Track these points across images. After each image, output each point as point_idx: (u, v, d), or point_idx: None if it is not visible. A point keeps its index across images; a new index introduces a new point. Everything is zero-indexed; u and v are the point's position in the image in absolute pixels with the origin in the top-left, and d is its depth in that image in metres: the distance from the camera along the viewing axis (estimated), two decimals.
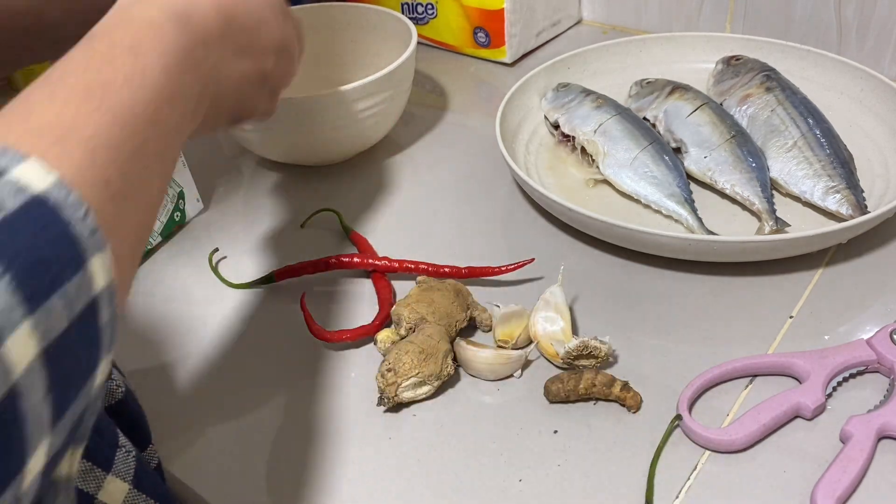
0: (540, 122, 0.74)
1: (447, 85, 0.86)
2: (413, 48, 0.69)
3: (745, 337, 0.53)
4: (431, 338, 0.50)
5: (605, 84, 0.77)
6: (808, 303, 0.55)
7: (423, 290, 0.54)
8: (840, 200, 0.59)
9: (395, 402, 0.49)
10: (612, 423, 0.48)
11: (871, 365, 0.49)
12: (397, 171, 0.73)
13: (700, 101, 0.68)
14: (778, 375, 0.50)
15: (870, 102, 0.69)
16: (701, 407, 0.48)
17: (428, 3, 0.89)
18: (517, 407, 0.49)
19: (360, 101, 0.66)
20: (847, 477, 0.42)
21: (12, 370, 0.22)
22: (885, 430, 0.45)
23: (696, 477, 0.44)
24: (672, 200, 0.62)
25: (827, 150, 0.62)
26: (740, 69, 0.72)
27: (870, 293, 0.55)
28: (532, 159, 0.70)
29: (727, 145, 0.64)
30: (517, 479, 0.45)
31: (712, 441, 0.45)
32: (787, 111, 0.66)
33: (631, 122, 0.68)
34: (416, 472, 0.46)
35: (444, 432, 0.48)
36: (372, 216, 0.67)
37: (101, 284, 0.26)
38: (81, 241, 0.25)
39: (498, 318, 0.53)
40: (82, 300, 0.25)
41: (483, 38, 0.87)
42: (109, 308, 0.27)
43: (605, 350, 0.50)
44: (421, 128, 0.79)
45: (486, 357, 0.50)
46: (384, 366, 0.49)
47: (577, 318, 0.55)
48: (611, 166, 0.65)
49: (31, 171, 0.25)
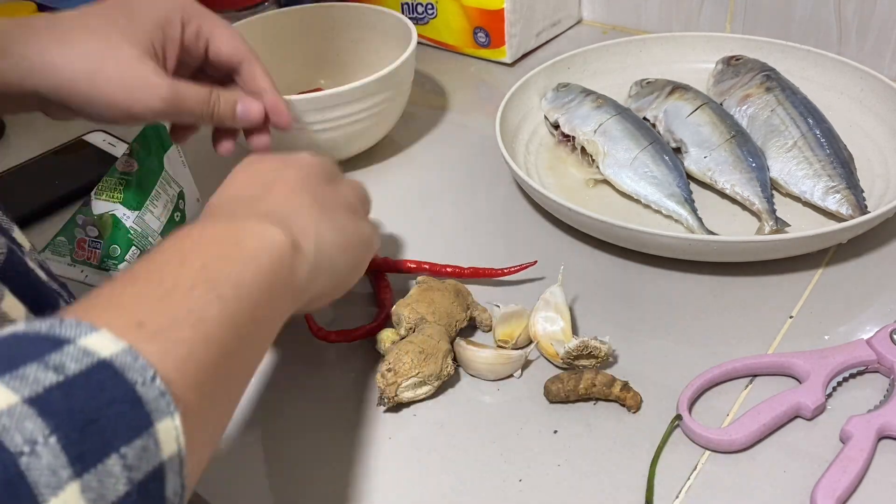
0: (540, 122, 0.74)
1: (447, 85, 0.86)
2: (413, 48, 0.69)
3: (745, 337, 0.53)
4: (431, 338, 0.50)
5: (605, 84, 0.77)
6: (808, 303, 0.55)
7: (423, 290, 0.54)
8: (840, 200, 0.59)
9: (395, 402, 0.49)
10: (612, 423, 0.48)
11: (871, 365, 0.49)
12: (397, 171, 0.73)
13: (700, 101, 0.68)
14: (778, 375, 0.50)
15: (870, 102, 0.69)
16: (701, 407, 0.48)
17: (428, 3, 0.89)
18: (517, 407, 0.49)
19: (360, 101, 0.66)
20: (847, 477, 0.42)
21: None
22: (885, 430, 0.45)
23: (696, 477, 0.44)
24: (672, 200, 0.62)
25: (827, 150, 0.62)
26: (740, 69, 0.72)
27: (870, 293, 0.55)
28: (532, 159, 0.70)
29: (727, 145, 0.64)
30: (517, 479, 0.45)
31: (712, 441, 0.45)
32: (787, 111, 0.66)
33: (631, 122, 0.68)
34: (416, 471, 0.46)
35: (444, 432, 0.48)
36: (372, 216, 0.67)
37: (169, 451, 0.25)
38: (147, 403, 0.25)
39: (498, 318, 0.53)
40: (145, 466, 0.24)
41: (483, 38, 0.87)
42: (178, 479, 0.26)
43: (605, 350, 0.50)
44: (421, 128, 0.79)
45: (486, 357, 0.50)
46: (384, 366, 0.49)
47: (577, 318, 0.55)
48: (611, 166, 0.65)
49: (100, 339, 0.25)
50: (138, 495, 0.24)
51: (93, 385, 0.24)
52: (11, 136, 0.85)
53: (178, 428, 0.26)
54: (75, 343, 0.25)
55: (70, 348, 0.24)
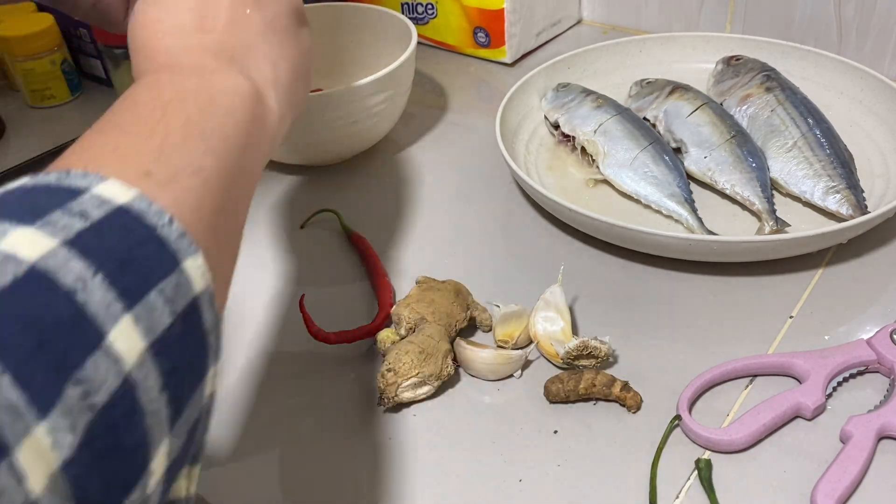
0: (540, 122, 0.74)
1: (447, 85, 0.86)
2: (413, 48, 0.69)
3: (745, 337, 0.53)
4: (431, 338, 0.50)
5: (605, 84, 0.77)
6: (808, 303, 0.55)
7: (423, 290, 0.54)
8: (840, 200, 0.59)
9: (395, 402, 0.49)
10: (612, 423, 0.48)
11: (871, 365, 0.49)
12: (397, 171, 0.73)
13: (700, 101, 0.68)
14: (778, 375, 0.50)
15: (870, 102, 0.69)
16: (701, 407, 0.48)
17: (428, 3, 0.89)
18: (517, 407, 0.49)
19: (360, 102, 0.66)
20: (847, 477, 0.42)
21: (123, 361, 0.23)
22: (885, 430, 0.45)
23: (697, 477, 0.44)
24: (672, 200, 0.62)
25: (827, 150, 0.62)
26: (740, 69, 0.72)
27: (870, 293, 0.55)
28: (532, 159, 0.70)
29: (727, 145, 0.64)
30: (517, 479, 0.45)
31: (712, 441, 0.45)
32: (787, 111, 0.66)
33: (631, 122, 0.68)
34: (417, 472, 0.46)
35: (444, 432, 0.48)
36: (372, 216, 0.67)
37: (199, 286, 0.27)
38: (170, 243, 0.26)
39: (498, 318, 0.53)
40: (182, 300, 0.26)
41: (483, 38, 0.87)
42: (211, 312, 0.27)
43: (605, 350, 0.50)
44: (421, 128, 0.79)
45: (486, 357, 0.50)
46: (384, 366, 0.49)
47: (577, 318, 0.55)
48: (611, 166, 0.65)
49: (112, 187, 0.26)
50: (182, 325, 0.25)
51: (119, 228, 0.25)
52: (11, 136, 0.85)
53: (202, 265, 0.27)
54: (90, 192, 0.25)
55: (86, 197, 0.25)
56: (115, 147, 0.29)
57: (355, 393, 0.51)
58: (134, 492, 0.23)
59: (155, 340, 0.24)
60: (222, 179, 0.32)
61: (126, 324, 0.23)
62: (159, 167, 0.29)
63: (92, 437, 0.21)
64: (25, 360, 0.20)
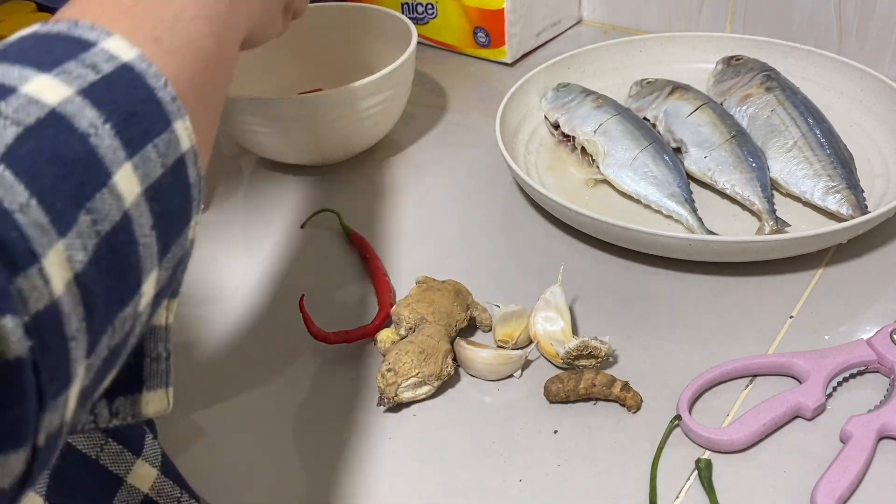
0: (540, 122, 0.74)
1: (447, 85, 0.86)
2: (413, 48, 0.69)
3: (745, 337, 0.53)
4: (431, 338, 0.50)
5: (605, 84, 0.77)
6: (808, 303, 0.55)
7: (423, 290, 0.54)
8: (840, 200, 0.59)
9: (395, 402, 0.49)
10: (612, 423, 0.48)
11: (871, 365, 0.49)
12: (397, 171, 0.73)
13: (700, 101, 0.68)
14: (778, 375, 0.50)
15: (870, 102, 0.69)
16: (701, 407, 0.48)
17: (428, 3, 0.89)
18: (517, 407, 0.49)
19: (360, 101, 0.66)
20: (847, 477, 0.42)
21: (124, 199, 0.26)
22: (885, 430, 0.45)
23: (696, 477, 0.44)
24: (672, 200, 0.62)
25: (827, 150, 0.62)
26: (740, 69, 0.72)
27: (870, 293, 0.55)
28: (532, 159, 0.70)
29: (727, 145, 0.64)
30: (517, 479, 0.45)
31: (712, 441, 0.45)
32: (788, 111, 0.66)
33: (631, 122, 0.68)
34: (417, 472, 0.46)
35: (444, 432, 0.48)
36: (372, 216, 0.67)
37: (186, 145, 0.30)
38: (165, 105, 0.29)
39: (498, 318, 0.53)
40: (172, 155, 0.29)
41: (483, 38, 0.87)
42: (195, 168, 0.31)
43: (605, 350, 0.50)
44: (421, 128, 0.79)
45: (486, 357, 0.50)
46: (384, 366, 0.49)
47: (577, 318, 0.55)
48: (611, 166, 0.65)
49: (118, 44, 0.29)
50: (171, 177, 0.29)
51: (125, 84, 0.28)
52: None
53: (189, 128, 0.30)
54: (99, 45, 0.28)
55: (97, 49, 0.28)
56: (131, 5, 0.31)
57: (355, 392, 0.51)
58: (128, 306, 0.27)
59: (149, 186, 0.28)
60: (216, 60, 0.35)
61: (127, 169, 0.27)
62: (169, 36, 0.31)
63: (98, 257, 0.25)
64: (50, 189, 0.24)
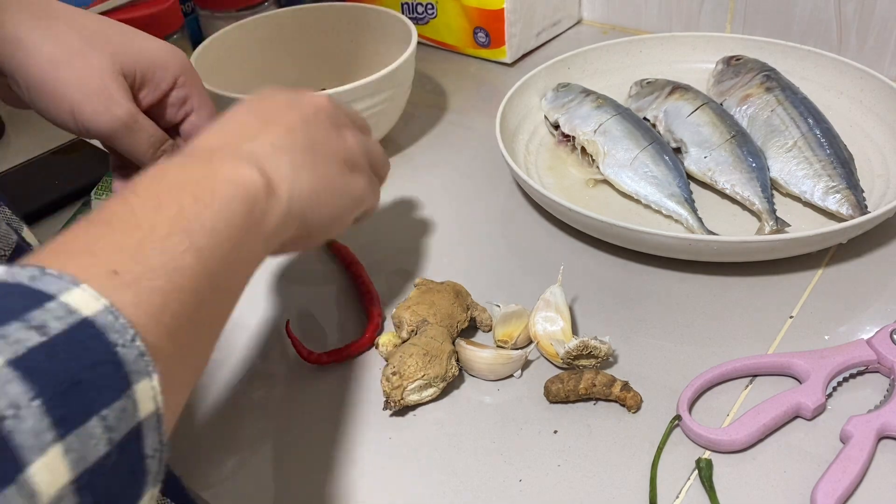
0: (540, 122, 0.74)
1: (447, 85, 0.86)
2: (413, 48, 0.69)
3: (745, 337, 0.53)
4: (435, 339, 0.50)
5: (605, 84, 0.77)
6: (808, 303, 0.55)
7: (422, 292, 0.54)
8: (840, 200, 0.59)
9: (401, 405, 0.48)
10: (612, 423, 0.48)
11: (871, 365, 0.49)
12: (397, 171, 0.73)
13: (700, 101, 0.68)
14: (778, 375, 0.50)
15: (870, 102, 0.69)
16: (701, 407, 0.48)
17: (428, 3, 0.89)
18: (517, 407, 0.49)
19: (360, 101, 0.66)
20: (847, 477, 0.42)
21: (39, 495, 0.22)
22: (885, 430, 0.45)
23: (697, 477, 0.44)
24: (672, 200, 0.62)
25: (827, 150, 0.62)
26: (740, 69, 0.72)
27: (870, 293, 0.55)
28: (532, 159, 0.70)
29: (727, 145, 0.64)
30: (517, 479, 0.45)
31: (712, 441, 0.45)
32: (787, 111, 0.66)
33: (631, 122, 0.68)
34: (417, 472, 0.46)
35: (444, 432, 0.48)
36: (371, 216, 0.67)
37: (146, 410, 0.26)
38: (126, 365, 0.25)
39: (498, 318, 0.53)
40: (124, 426, 0.25)
41: (483, 38, 0.87)
42: (156, 436, 0.26)
43: (605, 350, 0.50)
44: (421, 128, 0.79)
45: (487, 357, 0.50)
46: (388, 369, 0.49)
47: (577, 318, 0.55)
48: (611, 166, 0.65)
49: (82, 296, 0.25)
50: (118, 454, 0.24)
51: (75, 346, 0.24)
52: (11, 136, 0.85)
53: (155, 388, 0.26)
54: (58, 299, 0.25)
55: (52, 305, 0.24)
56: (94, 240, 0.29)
57: (355, 395, 0.51)
58: None
59: (84, 471, 0.23)
60: (201, 278, 0.31)
61: (53, 455, 0.22)
62: (130, 265, 0.28)
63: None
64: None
